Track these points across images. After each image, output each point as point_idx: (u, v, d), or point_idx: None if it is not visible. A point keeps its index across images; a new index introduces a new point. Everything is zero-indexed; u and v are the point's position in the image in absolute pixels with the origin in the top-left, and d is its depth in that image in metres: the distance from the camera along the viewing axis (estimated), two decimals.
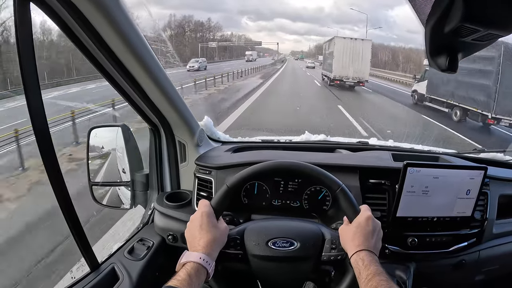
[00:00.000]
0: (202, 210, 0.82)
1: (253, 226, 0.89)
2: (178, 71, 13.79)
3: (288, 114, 9.33)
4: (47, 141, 0.74)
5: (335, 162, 1.11)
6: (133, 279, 0.93)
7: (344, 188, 0.85)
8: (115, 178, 1.14)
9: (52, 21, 0.71)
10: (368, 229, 0.80)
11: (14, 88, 8.86)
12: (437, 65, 0.56)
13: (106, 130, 1.12)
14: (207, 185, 1.10)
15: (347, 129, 7.92)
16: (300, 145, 1.45)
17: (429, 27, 0.49)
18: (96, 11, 0.68)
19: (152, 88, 0.94)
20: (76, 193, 1.14)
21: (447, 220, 1.01)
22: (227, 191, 0.85)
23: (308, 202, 1.08)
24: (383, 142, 1.48)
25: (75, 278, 0.91)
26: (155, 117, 1.07)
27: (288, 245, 0.84)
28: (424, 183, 0.97)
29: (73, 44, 0.78)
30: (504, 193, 1.16)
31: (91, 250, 0.91)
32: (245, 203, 1.09)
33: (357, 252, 0.76)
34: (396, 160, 1.14)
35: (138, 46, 0.81)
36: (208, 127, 1.32)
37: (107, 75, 0.87)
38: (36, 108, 0.71)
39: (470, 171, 0.98)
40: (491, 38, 0.47)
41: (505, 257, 1.17)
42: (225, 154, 1.23)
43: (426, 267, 1.08)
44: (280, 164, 0.89)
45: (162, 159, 1.18)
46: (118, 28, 0.74)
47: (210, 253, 0.76)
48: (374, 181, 1.06)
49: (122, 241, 1.08)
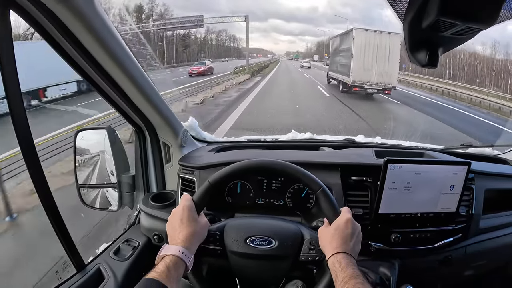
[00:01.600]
0: (183, 204, 0.83)
1: (233, 223, 0.90)
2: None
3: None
4: (28, 142, 0.76)
5: (316, 160, 1.11)
6: (118, 279, 0.94)
7: (325, 189, 0.85)
8: (102, 180, 1.16)
9: (32, 27, 0.74)
10: (347, 231, 0.80)
11: None
12: (417, 61, 0.56)
13: (93, 133, 1.14)
14: (190, 185, 1.11)
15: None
16: (286, 143, 1.46)
17: (407, 23, 0.49)
18: (74, 18, 0.70)
19: (134, 91, 0.95)
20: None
21: (431, 216, 1.01)
22: (208, 187, 0.86)
23: (291, 200, 1.09)
24: (370, 139, 1.48)
25: (61, 279, 0.92)
26: (138, 119, 1.09)
27: (266, 243, 0.85)
28: (406, 179, 0.96)
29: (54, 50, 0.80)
30: (490, 188, 1.16)
31: (77, 250, 0.93)
32: (229, 202, 1.10)
33: (335, 255, 0.76)
34: (378, 157, 1.14)
35: (117, 51, 0.83)
36: (193, 127, 1.33)
37: (89, 79, 0.89)
38: (19, 114, 0.74)
39: (453, 166, 0.98)
40: (471, 32, 0.48)
41: (493, 252, 1.16)
42: (208, 154, 1.24)
43: (412, 263, 1.07)
44: (262, 163, 0.90)
45: (148, 160, 1.20)
46: (97, 34, 0.75)
47: (189, 247, 0.77)
48: (356, 178, 1.06)
49: (109, 242, 1.10)
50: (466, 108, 13.89)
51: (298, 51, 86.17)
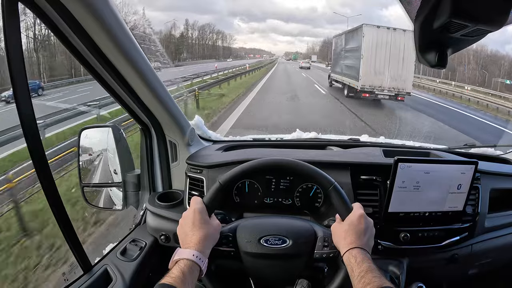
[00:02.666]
0: (194, 207, 0.82)
1: (246, 224, 0.89)
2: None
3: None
4: (37, 144, 0.74)
5: (326, 159, 1.11)
6: (126, 280, 0.93)
7: (337, 186, 0.85)
8: (106, 179, 1.13)
9: (42, 21, 0.71)
10: (361, 227, 0.80)
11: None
12: (426, 61, 0.56)
13: (97, 131, 1.12)
14: (198, 184, 1.10)
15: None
16: (291, 143, 1.45)
17: (418, 23, 0.50)
18: (86, 13, 0.68)
19: (142, 89, 0.93)
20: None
21: (439, 215, 1.02)
22: (219, 188, 0.85)
23: (300, 199, 1.09)
24: (374, 139, 1.49)
25: (68, 281, 0.90)
26: (145, 118, 1.07)
27: (280, 242, 0.84)
28: (415, 179, 0.97)
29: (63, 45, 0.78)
30: (495, 187, 1.17)
31: (84, 252, 0.91)
32: (237, 201, 1.09)
33: (350, 250, 0.76)
34: (387, 156, 1.14)
35: (128, 47, 0.81)
36: (199, 126, 1.32)
37: (97, 75, 0.87)
38: (26, 110, 0.71)
39: (461, 165, 0.99)
40: (480, 33, 0.48)
41: (498, 250, 1.18)
42: (216, 153, 1.23)
43: (419, 261, 1.08)
44: (273, 161, 0.90)
45: (153, 159, 1.18)
46: (108, 29, 0.73)
47: (203, 250, 0.76)
48: (366, 178, 1.06)
49: (115, 242, 1.08)
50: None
51: (298, 52, 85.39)
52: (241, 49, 69.99)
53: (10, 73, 0.67)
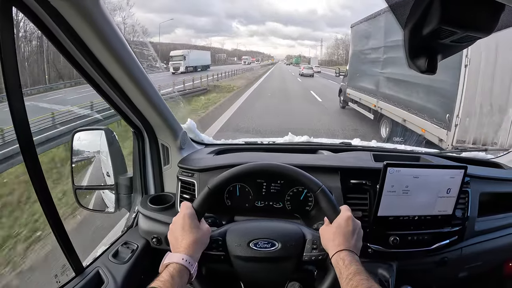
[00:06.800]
0: (184, 212, 0.83)
1: (235, 228, 0.90)
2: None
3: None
4: (28, 144, 0.74)
5: (316, 163, 1.12)
6: (118, 282, 0.93)
7: (324, 189, 0.86)
8: (99, 181, 1.14)
9: (34, 25, 0.72)
10: (348, 229, 0.81)
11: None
12: (416, 67, 0.58)
13: (90, 134, 1.13)
14: (190, 188, 1.10)
15: None
16: (283, 146, 1.46)
17: (408, 29, 0.50)
18: (78, 16, 0.69)
19: (135, 92, 0.94)
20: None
21: (428, 219, 1.03)
22: (208, 193, 0.86)
23: (290, 203, 1.09)
24: (365, 143, 1.50)
25: (60, 283, 0.90)
26: (138, 121, 1.08)
27: (270, 245, 0.85)
28: (405, 183, 0.98)
29: (55, 48, 0.79)
30: (485, 191, 1.18)
31: (76, 254, 0.91)
32: (228, 205, 1.10)
33: (338, 252, 0.77)
34: (377, 161, 1.15)
35: (120, 50, 0.82)
36: (191, 129, 1.33)
37: (89, 78, 0.87)
38: (18, 111, 0.71)
39: (450, 170, 0.99)
40: (470, 40, 0.48)
41: (487, 254, 1.19)
42: (207, 157, 1.23)
43: (409, 265, 1.09)
44: (262, 166, 0.90)
45: (146, 162, 1.18)
46: (100, 33, 0.74)
47: (192, 254, 0.77)
48: (355, 182, 1.07)
49: (107, 245, 1.08)
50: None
51: (301, 55, 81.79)
52: (235, 51, 67.63)
53: (3, 75, 0.68)
